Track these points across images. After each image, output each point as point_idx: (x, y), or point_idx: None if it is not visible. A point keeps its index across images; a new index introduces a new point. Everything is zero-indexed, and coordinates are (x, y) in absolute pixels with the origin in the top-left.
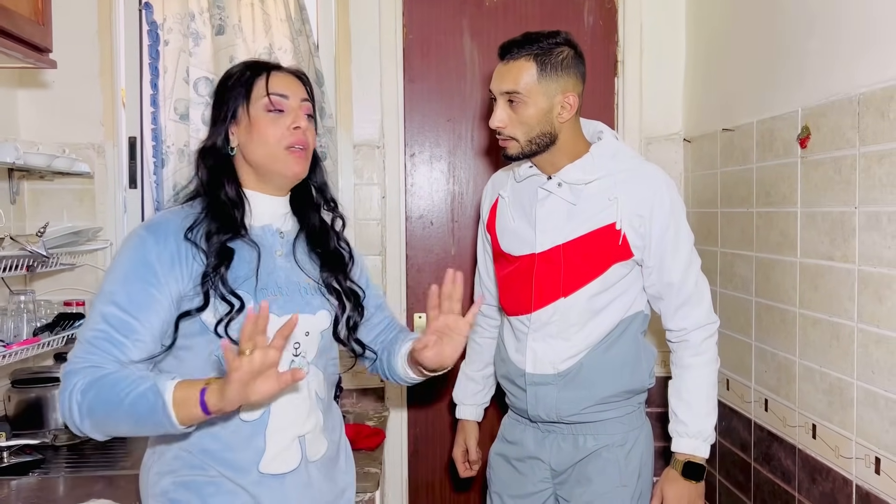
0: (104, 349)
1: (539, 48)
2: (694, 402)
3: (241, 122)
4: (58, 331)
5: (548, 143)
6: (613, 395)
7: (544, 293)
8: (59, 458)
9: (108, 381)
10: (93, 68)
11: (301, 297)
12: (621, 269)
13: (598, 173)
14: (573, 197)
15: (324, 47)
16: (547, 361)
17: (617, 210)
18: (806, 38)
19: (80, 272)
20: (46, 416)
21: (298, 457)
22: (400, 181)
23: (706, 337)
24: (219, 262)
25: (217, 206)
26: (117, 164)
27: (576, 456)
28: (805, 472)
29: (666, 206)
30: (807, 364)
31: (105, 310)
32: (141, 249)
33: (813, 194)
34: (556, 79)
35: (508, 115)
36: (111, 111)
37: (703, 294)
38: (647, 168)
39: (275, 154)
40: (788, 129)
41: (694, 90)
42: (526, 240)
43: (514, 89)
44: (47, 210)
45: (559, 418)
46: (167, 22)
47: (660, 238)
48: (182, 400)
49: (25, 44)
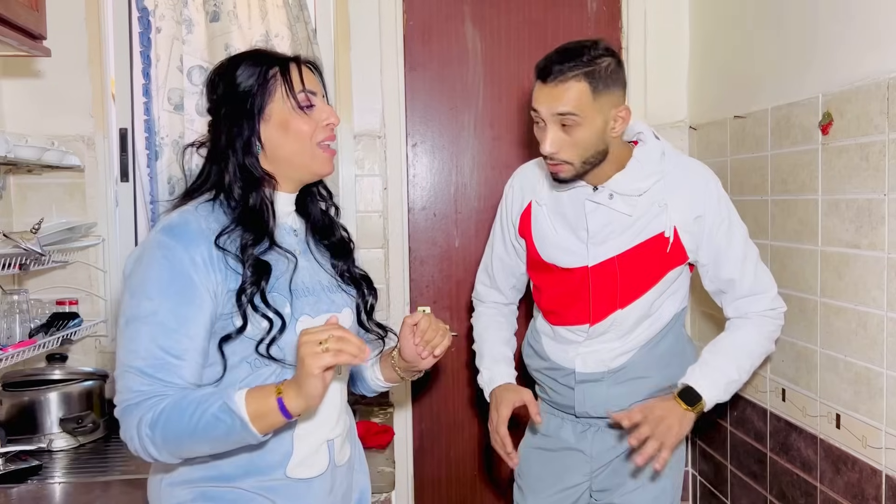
0: (161, 376)
1: (586, 65)
2: (725, 353)
3: (271, 119)
4: (52, 331)
5: (601, 160)
6: (661, 388)
7: (601, 306)
8: (56, 463)
9: (176, 409)
10: (81, 57)
11: (326, 296)
12: (677, 273)
13: (649, 179)
14: (628, 208)
15: (322, 34)
16: (599, 360)
17: (667, 217)
18: (826, 23)
19: (72, 269)
20: (41, 420)
21: (326, 461)
22: (402, 172)
23: (770, 317)
24: (257, 277)
25: (249, 215)
26: (108, 157)
27: (618, 448)
28: (828, 462)
29: (715, 201)
30: (829, 353)
31: (152, 332)
32: (171, 259)
33: (836, 181)
34: (608, 94)
35: (561, 138)
36: (101, 102)
37: (766, 283)
38: (692, 164)
39: (310, 152)
40: (808, 116)
41: (699, 77)
42: (576, 253)
43: (570, 111)
44: (35, 205)
45: (607, 414)
46: (159, 8)
47: (712, 235)
48: (259, 413)
49: (20, 30)
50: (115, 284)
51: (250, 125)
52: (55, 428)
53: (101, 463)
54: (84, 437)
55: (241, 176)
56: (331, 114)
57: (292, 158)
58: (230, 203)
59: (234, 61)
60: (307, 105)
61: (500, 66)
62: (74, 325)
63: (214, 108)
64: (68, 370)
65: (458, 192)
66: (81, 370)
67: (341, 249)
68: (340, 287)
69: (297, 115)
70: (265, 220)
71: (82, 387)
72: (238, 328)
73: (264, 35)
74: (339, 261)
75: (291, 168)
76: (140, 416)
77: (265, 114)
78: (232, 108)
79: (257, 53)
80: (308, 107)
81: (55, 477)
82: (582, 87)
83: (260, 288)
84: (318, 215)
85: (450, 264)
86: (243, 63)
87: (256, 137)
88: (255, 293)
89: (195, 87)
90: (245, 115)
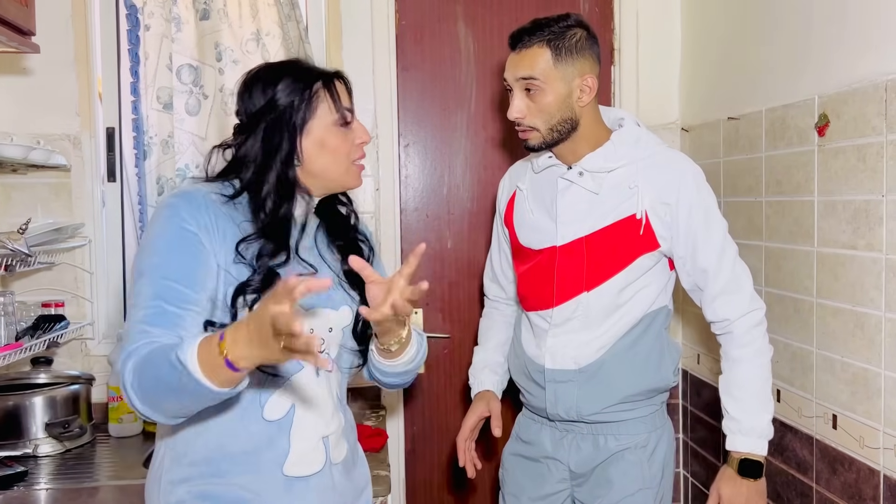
0: (159, 324)
1: (551, 33)
2: (745, 398)
3: (311, 134)
4: (39, 334)
5: (569, 129)
6: (636, 393)
7: (566, 287)
8: (42, 469)
9: (151, 356)
10: (67, 55)
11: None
12: (647, 261)
13: (620, 161)
14: (595, 186)
15: (314, 33)
16: (568, 356)
17: (638, 199)
18: (821, 24)
19: (58, 271)
20: (26, 425)
21: (323, 458)
22: (394, 172)
23: (752, 325)
24: (262, 286)
25: (275, 226)
26: (95, 157)
27: (597, 457)
28: (825, 462)
29: (691, 191)
30: (826, 354)
31: (154, 284)
32: (177, 217)
33: (833, 183)
34: (572, 62)
35: (527, 104)
36: (87, 100)
37: (743, 280)
38: (671, 154)
39: (345, 168)
40: (803, 117)
41: (692, 79)
42: (546, 232)
43: (531, 75)
44: (20, 205)
45: (579, 417)
46: (148, 6)
47: (688, 225)
48: (209, 364)
49: (9, 26)
50: (103, 286)
51: (291, 139)
52: (41, 433)
53: (88, 468)
54: (70, 442)
55: (279, 188)
56: (364, 133)
57: (326, 172)
58: (258, 214)
59: (275, 72)
60: (343, 124)
61: (493, 66)
62: (61, 328)
63: (250, 116)
64: (54, 374)
65: (450, 193)
66: (67, 374)
67: (353, 252)
68: (341, 286)
69: (336, 132)
70: (287, 233)
71: (68, 391)
72: (221, 325)
73: (255, 33)
74: (347, 263)
75: (324, 180)
76: (128, 363)
77: (307, 128)
78: (273, 119)
79: (300, 66)
80: (347, 124)
81: (41, 483)
82: (544, 54)
83: (261, 297)
84: (335, 216)
85: (442, 266)
86: (287, 76)
87: (298, 151)
88: (255, 300)
89: (184, 85)
90: (287, 128)
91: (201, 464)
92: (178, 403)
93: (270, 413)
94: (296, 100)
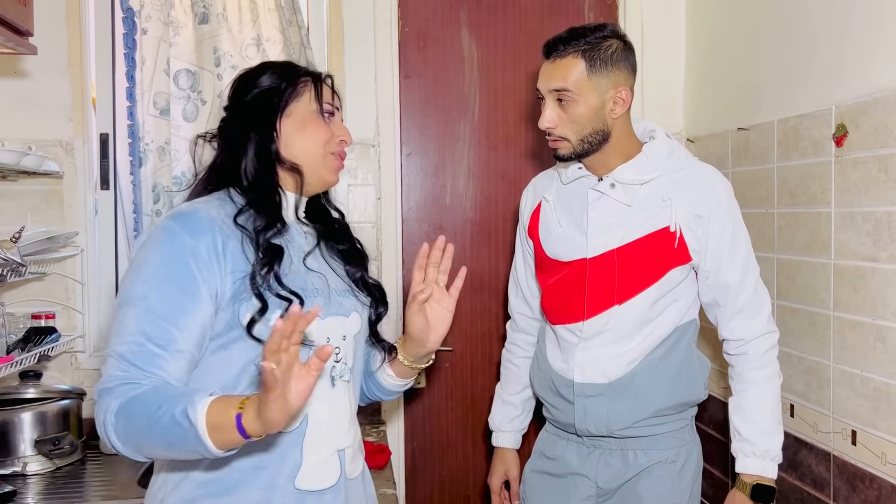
0: (140, 364)
1: (586, 43)
2: (759, 420)
3: (292, 115)
4: (30, 347)
5: (601, 140)
6: (668, 407)
7: (598, 300)
8: (31, 488)
9: (141, 402)
10: (61, 59)
11: (335, 298)
12: (678, 274)
13: (653, 173)
14: (628, 198)
15: (315, 39)
16: (598, 370)
17: (672, 212)
18: (835, 33)
19: (49, 281)
20: (14, 442)
21: (338, 472)
22: (396, 181)
23: (767, 348)
24: (269, 260)
25: (263, 198)
26: (88, 163)
27: (626, 473)
28: (842, 479)
29: (724, 206)
30: (844, 368)
31: (138, 317)
32: (173, 244)
33: (851, 194)
34: (606, 74)
35: (558, 114)
36: (81, 105)
37: (763, 302)
38: (704, 167)
39: (322, 156)
40: (819, 128)
41: (697, 88)
42: (576, 244)
43: (563, 86)
44: (9, 213)
45: (609, 432)
46: (145, 9)
47: (717, 239)
48: (218, 425)
49: (7, 26)
50: (95, 298)
51: (271, 115)
52: (30, 450)
53: (79, 487)
54: (61, 459)
55: (260, 158)
56: (346, 133)
57: (303, 157)
58: (243, 187)
59: (266, 65)
60: (329, 113)
61: (497, 74)
62: (52, 341)
63: (235, 104)
64: (43, 388)
65: (453, 202)
66: (57, 388)
67: (355, 255)
68: (352, 292)
69: (317, 119)
70: (277, 204)
71: (58, 406)
72: (259, 309)
73: (255, 39)
74: (353, 267)
75: (302, 166)
76: (109, 402)
77: (287, 109)
78: (255, 101)
79: (292, 64)
80: (329, 114)
81: (30, 503)
82: (578, 65)
83: (273, 270)
84: (330, 221)
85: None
86: (274, 67)
87: (275, 127)
88: (269, 276)
89: (182, 91)
90: (268, 107)
91: (208, 483)
92: (166, 452)
93: None
94: (281, 83)
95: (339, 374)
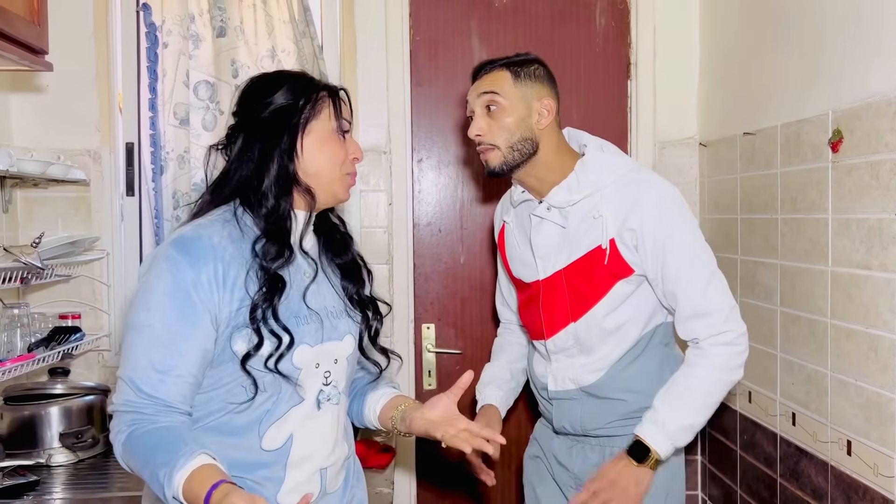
0: (146, 389)
1: (510, 61)
2: (678, 396)
3: (312, 133)
4: (53, 345)
5: (530, 151)
6: (638, 409)
7: (554, 319)
8: (55, 479)
9: (142, 444)
10: (89, 71)
11: (329, 322)
12: (626, 287)
13: (584, 191)
14: (562, 220)
15: (328, 50)
16: (568, 378)
17: (603, 228)
18: (835, 39)
19: (75, 283)
20: (41, 435)
21: (318, 489)
22: (407, 187)
23: (721, 343)
24: (270, 293)
25: (279, 228)
26: (114, 171)
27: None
28: (839, 490)
29: (651, 213)
30: (840, 377)
31: (143, 344)
32: (174, 273)
33: (846, 200)
34: (530, 84)
35: (487, 122)
36: (108, 116)
37: (714, 303)
38: (635, 177)
39: (338, 175)
40: (817, 133)
41: (710, 93)
42: (531, 266)
43: (492, 89)
44: (41, 219)
45: (584, 432)
46: (166, 24)
47: (652, 249)
48: (191, 491)
49: (20, 45)
50: (120, 299)
51: (292, 134)
52: (55, 443)
53: (100, 479)
54: (83, 452)
55: (279, 181)
56: (358, 150)
57: (320, 175)
58: (259, 210)
59: (279, 76)
60: (345, 131)
61: None
62: (75, 340)
63: (247, 116)
64: (70, 384)
65: (463, 208)
66: (83, 385)
67: (353, 270)
68: (346, 312)
69: (335, 139)
70: (288, 231)
71: (83, 401)
72: (255, 345)
73: (270, 50)
74: (349, 283)
75: (317, 184)
76: (119, 429)
77: (309, 127)
78: (275, 116)
79: (305, 75)
80: (345, 132)
81: (53, 493)
82: (504, 74)
83: (272, 304)
84: (333, 232)
85: (455, 281)
86: (291, 80)
87: (299, 147)
88: (268, 309)
89: (201, 101)
90: (288, 126)
91: None
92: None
93: (269, 443)
94: (301, 100)
95: (326, 398)
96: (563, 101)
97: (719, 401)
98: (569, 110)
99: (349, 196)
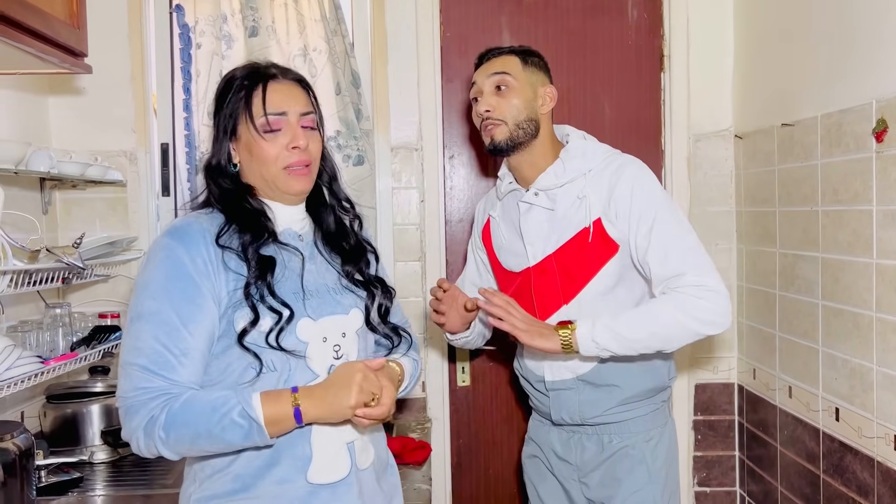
0: (164, 373)
1: (516, 49)
2: (631, 315)
3: (241, 140)
4: (94, 344)
5: (532, 133)
6: (635, 395)
7: (546, 304)
8: (97, 476)
9: (191, 412)
10: (124, 73)
11: (332, 297)
12: (615, 266)
13: (569, 175)
14: (550, 203)
15: (359, 47)
16: (564, 367)
17: (587, 209)
18: (877, 27)
19: (114, 283)
20: (83, 432)
21: (348, 464)
22: (439, 184)
23: (690, 286)
24: (262, 271)
25: (243, 216)
26: (150, 172)
27: (601, 455)
28: (886, 486)
29: (625, 190)
30: (886, 371)
31: (154, 330)
32: (173, 259)
33: (892, 191)
34: (536, 72)
35: (497, 100)
36: (143, 117)
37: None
38: (617, 160)
39: (275, 175)
40: (860, 123)
41: (745, 84)
42: (520, 255)
43: (504, 70)
44: (79, 219)
45: (583, 421)
46: (199, 24)
47: (636, 223)
48: (274, 419)
49: (61, 48)
50: None
51: (225, 144)
52: (97, 440)
53: (142, 476)
54: (125, 449)
55: (223, 193)
56: (296, 136)
57: (262, 178)
58: (226, 213)
59: (229, 76)
60: (267, 130)
61: None
62: (115, 339)
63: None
64: (109, 382)
65: None
66: None
67: (353, 254)
68: (349, 288)
69: (257, 141)
70: (262, 220)
71: None
72: (251, 321)
73: (302, 49)
74: (348, 264)
75: (263, 185)
76: (149, 417)
77: (238, 134)
78: (214, 122)
79: (244, 68)
80: (270, 131)
81: (96, 490)
82: (513, 59)
83: (266, 281)
84: (329, 224)
85: None
86: (230, 78)
87: (227, 157)
88: (262, 287)
89: None
90: (221, 134)
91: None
92: (218, 448)
93: None
94: (232, 104)
95: None
96: (595, 95)
97: (667, 341)
98: (601, 104)
99: (304, 187)
